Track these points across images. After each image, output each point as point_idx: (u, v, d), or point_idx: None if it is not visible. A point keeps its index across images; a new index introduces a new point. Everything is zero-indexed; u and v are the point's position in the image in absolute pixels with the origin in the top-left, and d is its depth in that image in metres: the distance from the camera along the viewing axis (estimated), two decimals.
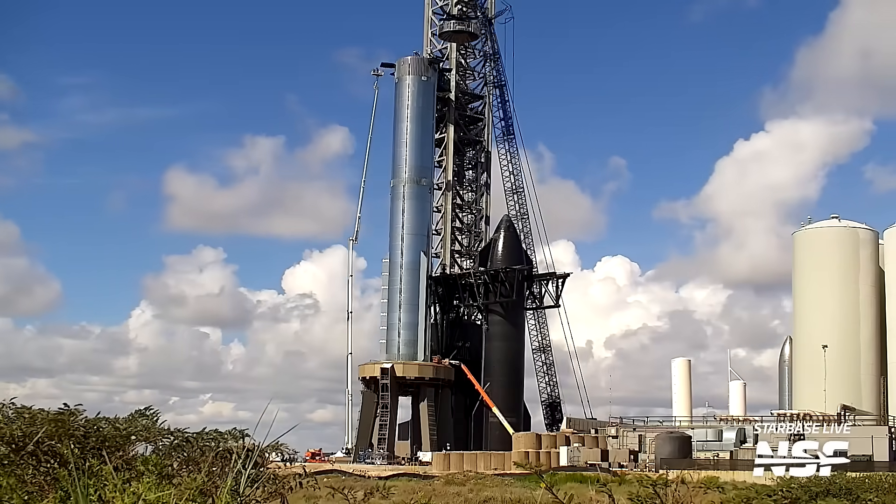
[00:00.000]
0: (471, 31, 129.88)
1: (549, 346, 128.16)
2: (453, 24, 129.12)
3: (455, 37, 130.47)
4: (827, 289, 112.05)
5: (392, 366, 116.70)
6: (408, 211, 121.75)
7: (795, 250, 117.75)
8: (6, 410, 10.98)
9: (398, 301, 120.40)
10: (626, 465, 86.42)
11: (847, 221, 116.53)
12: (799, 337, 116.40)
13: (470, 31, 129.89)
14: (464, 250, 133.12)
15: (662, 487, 16.60)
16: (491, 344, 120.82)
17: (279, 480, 10.50)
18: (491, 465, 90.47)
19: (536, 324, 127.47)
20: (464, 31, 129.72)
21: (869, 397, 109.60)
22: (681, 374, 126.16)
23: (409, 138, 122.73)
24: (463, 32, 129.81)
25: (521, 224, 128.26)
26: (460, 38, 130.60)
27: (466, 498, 41.52)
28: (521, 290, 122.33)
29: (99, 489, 8.26)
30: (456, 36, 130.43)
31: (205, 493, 8.47)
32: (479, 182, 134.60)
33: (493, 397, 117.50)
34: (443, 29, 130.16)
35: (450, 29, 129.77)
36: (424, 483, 57.16)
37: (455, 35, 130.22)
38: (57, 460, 9.92)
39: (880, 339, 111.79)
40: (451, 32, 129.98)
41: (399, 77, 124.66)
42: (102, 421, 11.19)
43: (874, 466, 66.66)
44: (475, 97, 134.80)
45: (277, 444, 10.57)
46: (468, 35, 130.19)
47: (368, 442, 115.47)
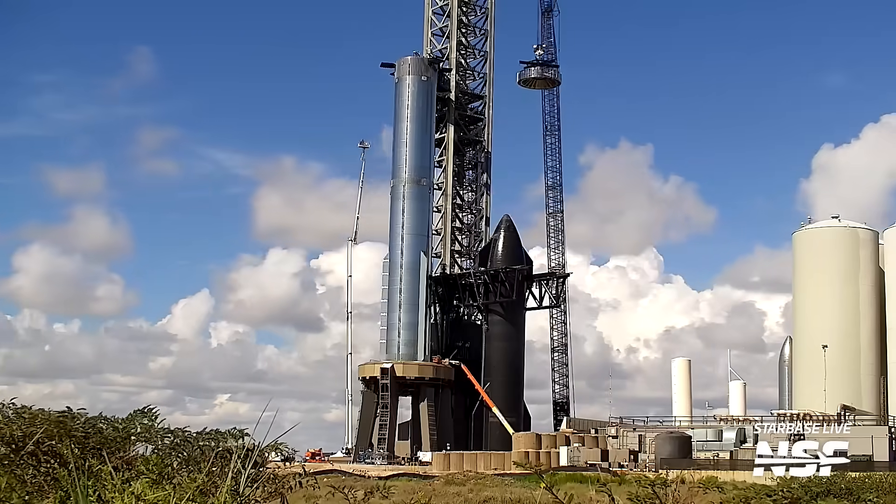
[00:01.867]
0: (554, 79, 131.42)
1: (566, 345, 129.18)
2: (535, 70, 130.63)
3: (536, 83, 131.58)
4: (827, 289, 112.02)
5: (392, 366, 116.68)
6: (408, 211, 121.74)
7: (795, 250, 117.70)
8: (6, 410, 10.99)
9: (398, 301, 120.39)
10: (626, 465, 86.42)
11: (847, 221, 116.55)
12: (799, 337, 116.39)
13: (553, 79, 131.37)
14: (464, 250, 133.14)
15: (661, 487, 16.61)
16: (491, 344, 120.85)
17: (279, 480, 10.50)
18: (491, 465, 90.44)
19: (553, 322, 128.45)
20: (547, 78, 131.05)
21: (869, 397, 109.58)
22: (680, 374, 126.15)
23: (408, 138, 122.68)
24: (544, 79, 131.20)
25: (555, 221, 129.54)
26: (541, 84, 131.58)
27: (466, 498, 41.52)
28: (521, 290, 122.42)
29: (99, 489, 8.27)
30: (537, 82, 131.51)
31: (205, 492, 8.47)
32: (479, 182, 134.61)
33: (493, 397, 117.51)
34: (524, 76, 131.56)
35: (531, 76, 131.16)
36: (424, 483, 57.17)
37: (536, 81, 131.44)
38: (57, 460, 9.92)
39: (880, 339, 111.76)
40: (533, 79, 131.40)
41: (399, 77, 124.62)
42: (102, 421, 11.20)
43: (874, 466, 66.66)
44: (475, 97, 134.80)
45: (277, 443, 10.57)
46: (549, 82, 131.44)
47: (368, 442, 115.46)
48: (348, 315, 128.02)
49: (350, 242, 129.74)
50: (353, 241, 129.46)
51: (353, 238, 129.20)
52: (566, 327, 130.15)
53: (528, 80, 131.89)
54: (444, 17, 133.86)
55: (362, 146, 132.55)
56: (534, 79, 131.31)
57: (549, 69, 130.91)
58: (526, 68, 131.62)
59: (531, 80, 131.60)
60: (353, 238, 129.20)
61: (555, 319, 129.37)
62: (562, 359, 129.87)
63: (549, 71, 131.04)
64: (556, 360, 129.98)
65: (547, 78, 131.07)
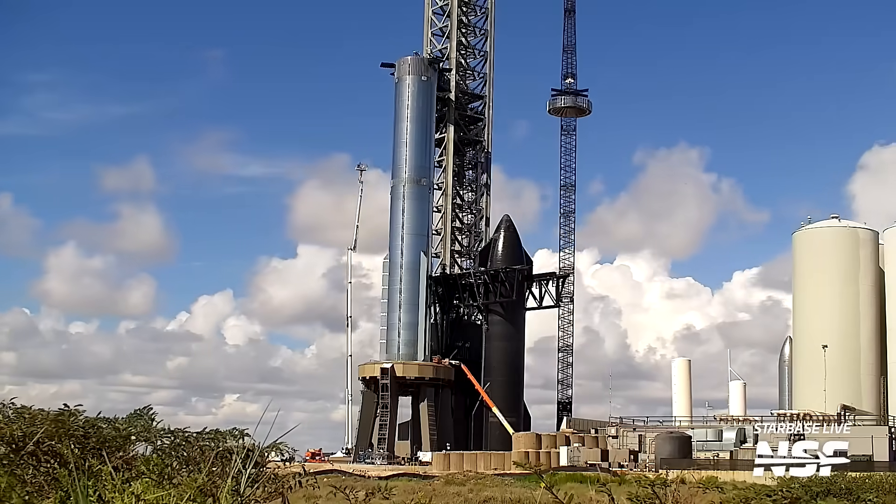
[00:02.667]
0: (584, 108, 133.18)
1: (571, 345, 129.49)
2: (565, 99, 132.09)
3: (566, 112, 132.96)
4: (827, 289, 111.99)
5: (392, 366, 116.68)
6: (408, 211, 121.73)
7: (795, 250, 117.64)
8: (6, 410, 10.98)
9: (398, 301, 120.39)
10: (626, 465, 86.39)
11: (847, 221, 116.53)
12: (799, 337, 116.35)
13: (583, 108, 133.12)
14: (464, 250, 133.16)
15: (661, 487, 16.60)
16: (491, 344, 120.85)
17: (279, 480, 10.50)
18: (491, 465, 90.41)
19: (561, 322, 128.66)
20: (575, 107, 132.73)
21: (869, 397, 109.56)
22: (680, 374, 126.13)
23: (408, 138, 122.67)
24: (575, 108, 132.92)
25: (567, 221, 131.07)
26: (571, 113, 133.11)
27: (466, 498, 41.50)
28: (521, 290, 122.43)
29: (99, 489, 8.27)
30: (567, 111, 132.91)
31: (205, 492, 8.47)
32: (479, 182, 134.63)
33: (493, 397, 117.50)
34: (554, 105, 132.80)
35: (562, 105, 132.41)
36: (424, 483, 57.14)
37: (566, 110, 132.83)
38: (57, 460, 9.92)
39: (880, 339, 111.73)
40: (564, 108, 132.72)
41: (399, 77, 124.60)
42: (102, 421, 11.20)
43: (874, 466, 66.65)
44: (475, 97, 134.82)
45: (277, 443, 10.57)
46: (579, 111, 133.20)
47: (368, 442, 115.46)
48: (348, 320, 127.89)
49: (350, 251, 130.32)
50: (352, 250, 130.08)
51: (353, 247, 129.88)
52: (571, 327, 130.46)
53: (558, 109, 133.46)
54: (444, 17, 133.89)
55: (360, 168, 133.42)
56: (565, 108, 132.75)
57: (579, 98, 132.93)
58: (555, 97, 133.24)
59: (562, 110, 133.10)
60: (353, 247, 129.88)
61: (562, 320, 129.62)
62: (566, 359, 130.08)
63: (580, 100, 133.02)
64: (560, 360, 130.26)
65: (578, 107, 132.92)
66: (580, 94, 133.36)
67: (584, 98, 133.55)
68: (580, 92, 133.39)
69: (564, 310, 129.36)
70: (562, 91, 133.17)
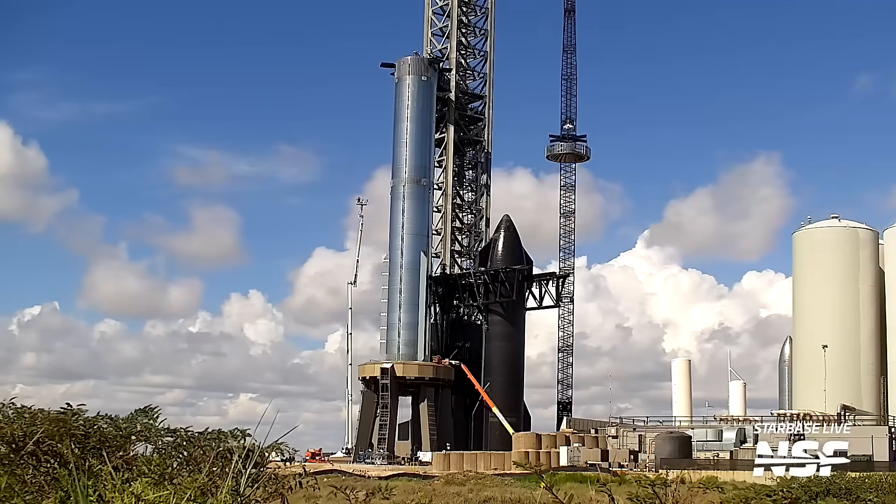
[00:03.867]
0: (583, 154, 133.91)
1: (571, 345, 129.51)
2: (563, 145, 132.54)
3: (565, 158, 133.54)
4: (827, 289, 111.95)
5: (392, 366, 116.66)
6: (408, 211, 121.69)
7: (795, 250, 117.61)
8: (6, 410, 10.98)
9: (398, 301, 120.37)
10: (626, 465, 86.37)
11: (847, 221, 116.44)
12: (799, 337, 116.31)
13: (582, 154, 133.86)
14: (464, 250, 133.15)
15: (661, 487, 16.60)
16: (491, 344, 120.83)
17: (279, 480, 10.50)
18: (491, 465, 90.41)
19: (562, 323, 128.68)
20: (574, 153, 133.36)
21: (869, 397, 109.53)
22: (680, 374, 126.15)
23: (408, 138, 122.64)
24: (574, 154, 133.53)
25: (568, 221, 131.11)
26: (570, 158, 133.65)
27: (466, 498, 41.50)
28: (521, 290, 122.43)
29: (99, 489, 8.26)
30: (565, 157, 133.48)
31: (205, 492, 8.47)
32: (479, 182, 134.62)
33: (493, 397, 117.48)
34: (552, 151, 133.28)
35: (560, 151, 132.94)
36: (424, 483, 57.14)
37: (565, 156, 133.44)
38: (57, 460, 9.91)
39: (880, 339, 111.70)
40: (563, 154, 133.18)
41: (399, 77, 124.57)
42: (102, 420, 11.20)
43: (874, 466, 66.64)
44: (475, 97, 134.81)
45: (277, 443, 10.57)
46: (577, 157, 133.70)
47: (368, 442, 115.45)
48: (348, 335, 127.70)
49: (350, 285, 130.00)
50: (352, 285, 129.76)
51: (353, 281, 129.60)
52: (571, 327, 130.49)
53: (556, 156, 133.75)
54: (444, 17, 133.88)
55: (360, 203, 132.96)
56: (563, 154, 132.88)
57: (578, 145, 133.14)
58: (554, 142, 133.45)
59: (560, 156, 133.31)
60: (353, 281, 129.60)
61: (562, 320, 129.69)
62: (566, 359, 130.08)
63: (579, 147, 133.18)
64: (560, 361, 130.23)
65: (576, 154, 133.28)
66: (579, 139, 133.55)
67: (583, 144, 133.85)
68: (579, 138, 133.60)
69: (564, 310, 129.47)
70: (560, 137, 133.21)
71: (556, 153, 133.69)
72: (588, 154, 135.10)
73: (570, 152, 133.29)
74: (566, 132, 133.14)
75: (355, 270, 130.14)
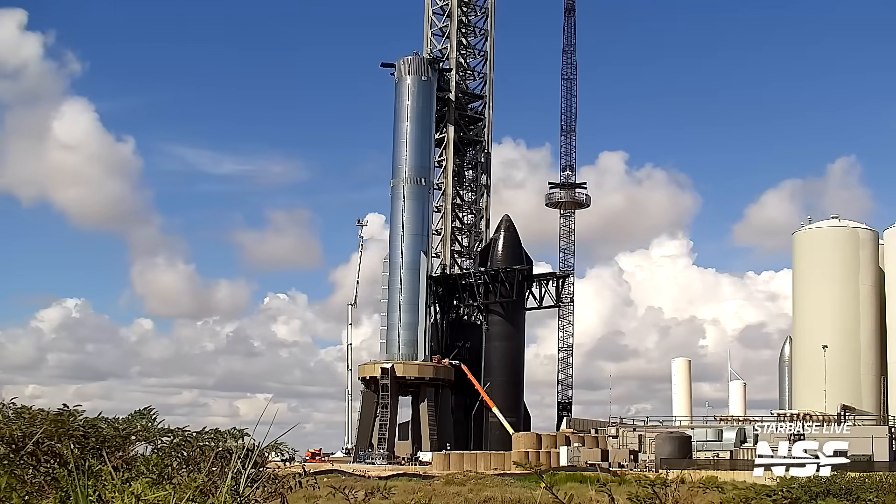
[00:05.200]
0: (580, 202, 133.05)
1: (571, 345, 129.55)
2: (560, 193, 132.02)
3: (564, 205, 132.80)
4: (827, 289, 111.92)
5: (392, 366, 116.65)
6: (408, 211, 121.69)
7: (795, 250, 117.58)
8: (6, 410, 10.98)
9: (398, 301, 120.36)
10: (626, 465, 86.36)
11: (847, 221, 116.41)
12: (799, 337, 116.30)
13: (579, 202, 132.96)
14: (464, 250, 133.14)
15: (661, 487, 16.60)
16: (491, 344, 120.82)
17: (279, 480, 10.50)
18: (491, 465, 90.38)
19: (562, 323, 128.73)
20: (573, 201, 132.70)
21: (869, 397, 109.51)
22: (680, 374, 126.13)
23: (408, 138, 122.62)
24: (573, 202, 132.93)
25: (569, 177, 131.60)
26: (569, 206, 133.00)
27: (466, 498, 41.47)
28: (521, 290, 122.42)
29: (99, 489, 8.27)
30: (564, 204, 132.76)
31: (204, 492, 8.47)
32: (479, 182, 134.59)
33: (493, 397, 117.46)
34: (551, 199, 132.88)
35: (559, 199, 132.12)
36: (424, 483, 57.12)
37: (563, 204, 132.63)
38: (57, 460, 9.91)
39: (880, 339, 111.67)
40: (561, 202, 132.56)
41: (399, 77, 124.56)
42: (102, 421, 11.20)
43: (874, 466, 66.60)
44: (475, 97, 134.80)
45: (277, 443, 10.56)
46: (576, 204, 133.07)
47: (368, 442, 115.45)
48: (348, 352, 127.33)
49: (350, 307, 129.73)
50: (352, 306, 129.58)
51: (353, 303, 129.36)
52: (571, 327, 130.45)
53: (556, 204, 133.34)
54: (444, 17, 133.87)
55: (360, 224, 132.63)
56: (562, 202, 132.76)
57: (577, 192, 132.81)
58: (553, 190, 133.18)
59: (559, 203, 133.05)
60: (353, 303, 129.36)
61: (562, 320, 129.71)
62: (566, 359, 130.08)
63: (578, 195, 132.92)
64: (560, 361, 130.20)
65: (576, 201, 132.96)
66: (579, 186, 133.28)
67: (583, 192, 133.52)
68: (579, 185, 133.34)
69: (564, 310, 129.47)
70: (560, 185, 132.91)
71: (555, 201, 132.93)
72: (588, 202, 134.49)
73: (569, 200, 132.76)
74: (565, 179, 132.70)
75: (355, 291, 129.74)
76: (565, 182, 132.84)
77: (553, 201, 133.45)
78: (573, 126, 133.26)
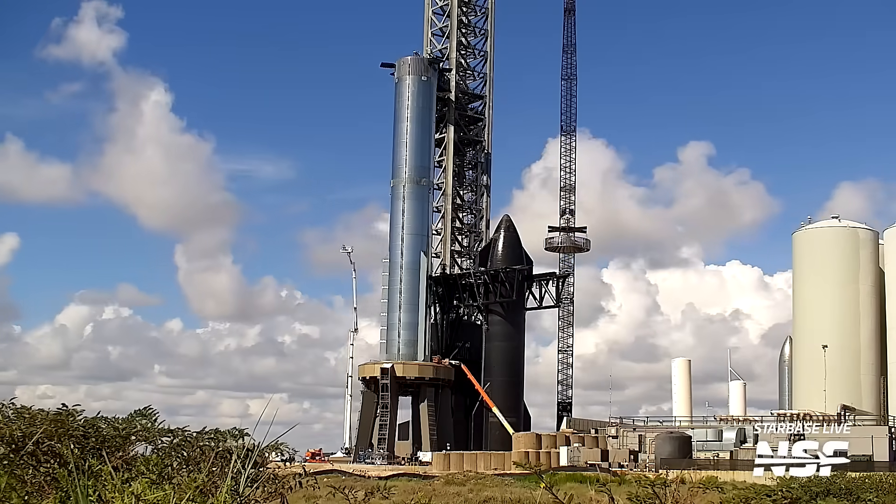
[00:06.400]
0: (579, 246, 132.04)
1: (571, 345, 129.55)
2: (559, 237, 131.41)
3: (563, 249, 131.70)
4: (827, 289, 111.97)
5: (392, 366, 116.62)
6: (408, 211, 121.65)
7: (795, 250, 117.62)
8: (6, 410, 10.98)
9: (398, 301, 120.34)
10: (626, 465, 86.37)
11: (847, 221, 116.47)
12: (799, 337, 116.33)
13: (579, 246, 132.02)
14: (464, 250, 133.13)
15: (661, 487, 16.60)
16: (491, 344, 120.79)
17: (279, 480, 10.49)
18: (491, 465, 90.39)
19: (562, 324, 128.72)
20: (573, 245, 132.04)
21: (869, 397, 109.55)
22: (680, 374, 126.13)
23: (408, 138, 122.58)
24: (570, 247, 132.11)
25: (569, 221, 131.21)
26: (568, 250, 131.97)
27: (466, 498, 41.47)
28: (521, 290, 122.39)
29: (99, 489, 8.27)
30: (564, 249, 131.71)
31: (204, 492, 8.47)
32: (479, 182, 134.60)
33: (493, 397, 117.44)
34: (551, 243, 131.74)
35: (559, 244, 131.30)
36: (424, 483, 57.13)
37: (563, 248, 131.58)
38: (57, 460, 9.91)
39: (880, 339, 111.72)
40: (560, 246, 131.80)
41: (399, 77, 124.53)
42: (102, 421, 11.19)
43: (874, 466, 66.64)
44: (475, 97, 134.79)
45: (277, 443, 10.56)
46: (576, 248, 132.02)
47: (368, 442, 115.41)
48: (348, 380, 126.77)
49: (352, 333, 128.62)
50: (354, 332, 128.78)
51: (355, 329, 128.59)
52: (571, 328, 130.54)
53: (555, 248, 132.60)
54: (444, 17, 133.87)
55: (345, 251, 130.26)
56: (561, 246, 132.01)
57: (577, 237, 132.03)
58: (552, 233, 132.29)
59: (558, 248, 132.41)
60: (355, 329, 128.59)
61: (562, 321, 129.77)
62: (566, 359, 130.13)
63: (578, 239, 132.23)
64: (560, 361, 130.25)
65: (576, 246, 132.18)
66: (579, 230, 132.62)
67: (582, 236, 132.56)
68: (578, 229, 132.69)
69: (564, 310, 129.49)
70: (559, 228, 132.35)
71: (554, 245, 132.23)
72: (587, 246, 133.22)
73: (569, 245, 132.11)
74: (565, 222, 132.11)
75: (355, 318, 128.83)
76: (565, 226, 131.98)
77: (552, 245, 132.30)
78: (573, 126, 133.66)
